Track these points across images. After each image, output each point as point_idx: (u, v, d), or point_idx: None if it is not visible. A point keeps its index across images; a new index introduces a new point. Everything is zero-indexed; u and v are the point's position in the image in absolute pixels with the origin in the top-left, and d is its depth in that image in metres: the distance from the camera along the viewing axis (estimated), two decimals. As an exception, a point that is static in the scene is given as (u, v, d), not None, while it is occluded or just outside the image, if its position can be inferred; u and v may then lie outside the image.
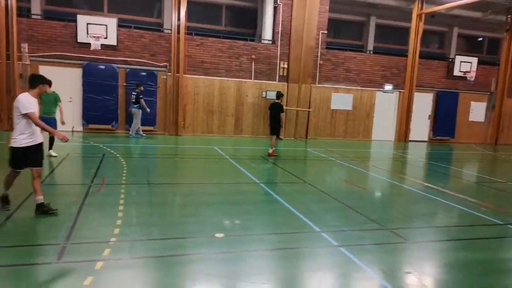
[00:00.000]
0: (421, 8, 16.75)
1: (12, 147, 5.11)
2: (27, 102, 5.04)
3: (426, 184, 8.91)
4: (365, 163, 11.55)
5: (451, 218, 6.60)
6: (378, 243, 5.04)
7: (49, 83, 8.02)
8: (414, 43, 17.07)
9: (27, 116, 5.00)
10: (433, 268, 4.55)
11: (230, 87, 15.23)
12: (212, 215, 5.72)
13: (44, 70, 13.21)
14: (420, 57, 17.33)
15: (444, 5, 15.88)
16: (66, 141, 5.38)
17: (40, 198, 5.21)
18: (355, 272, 4.18)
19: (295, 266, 4.29)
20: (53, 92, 9.06)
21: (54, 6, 14.82)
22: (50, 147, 9.18)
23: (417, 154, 14.53)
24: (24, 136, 5.09)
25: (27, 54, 12.93)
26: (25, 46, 12.86)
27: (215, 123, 15.27)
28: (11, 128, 12.90)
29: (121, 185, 7.05)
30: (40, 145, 5.35)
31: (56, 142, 10.44)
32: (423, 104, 17.96)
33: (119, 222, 5.12)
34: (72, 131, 13.67)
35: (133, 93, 13.31)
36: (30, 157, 5.18)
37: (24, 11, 13.08)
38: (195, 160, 10.70)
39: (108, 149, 10.71)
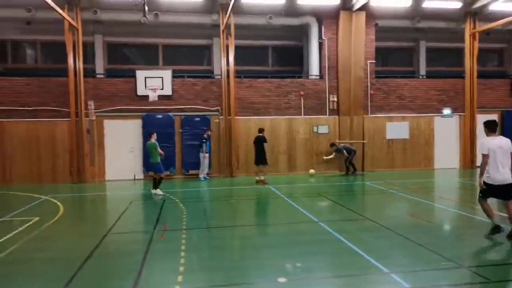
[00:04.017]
0: (474, 27, 16.08)
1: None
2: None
3: (501, 213, 8.12)
4: (429, 194, 10.86)
5: (538, 251, 5.90)
6: (457, 284, 4.60)
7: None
8: (470, 63, 16.27)
9: None
10: (525, 312, 4.03)
11: (281, 125, 15.35)
12: (272, 258, 5.59)
13: (108, 124, 14.29)
14: (479, 77, 16.43)
15: (499, 21, 15.08)
16: None
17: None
18: (434, 318, 3.81)
19: (365, 313, 4.01)
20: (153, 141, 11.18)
21: (115, 65, 16.20)
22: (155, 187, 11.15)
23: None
24: None
25: (93, 111, 14.08)
26: (91, 103, 14.04)
27: (268, 162, 15.29)
28: (79, 180, 13.86)
29: (182, 230, 7.19)
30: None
31: (121, 190, 11.03)
32: (488, 126, 16.75)
33: (182, 268, 5.17)
34: (134, 179, 14.38)
35: None
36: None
37: (89, 72, 14.41)
38: (251, 201, 10.71)
39: (168, 194, 11.08)
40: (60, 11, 11.81)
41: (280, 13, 15.27)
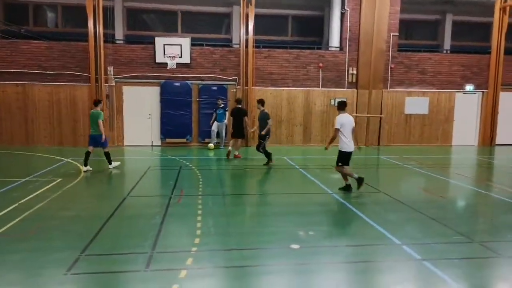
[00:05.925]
0: (505, 1, 15.35)
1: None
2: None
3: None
4: (445, 170, 10.80)
5: (552, 231, 5.90)
6: (467, 257, 4.68)
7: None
8: (497, 38, 15.64)
9: None
10: (533, 287, 4.10)
11: (298, 97, 15.25)
12: (286, 226, 5.75)
13: (127, 90, 14.44)
14: (506, 53, 15.84)
15: (532, -5, 14.40)
16: None
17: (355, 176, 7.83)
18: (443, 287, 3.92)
19: (374, 281, 4.15)
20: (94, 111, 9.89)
21: (134, 31, 16.18)
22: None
23: (506, 159, 13.22)
24: None
25: (112, 76, 14.22)
26: (110, 69, 14.16)
27: (283, 133, 15.35)
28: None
29: (198, 196, 7.40)
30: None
31: (139, 156, 11.28)
32: (511, 104, 16.33)
33: (198, 232, 5.38)
34: (152, 145, 14.67)
35: None
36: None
37: (109, 37, 14.44)
38: (265, 171, 10.85)
39: (184, 161, 11.30)
40: (81, -26, 11.74)
41: (302, -20, 14.86)
